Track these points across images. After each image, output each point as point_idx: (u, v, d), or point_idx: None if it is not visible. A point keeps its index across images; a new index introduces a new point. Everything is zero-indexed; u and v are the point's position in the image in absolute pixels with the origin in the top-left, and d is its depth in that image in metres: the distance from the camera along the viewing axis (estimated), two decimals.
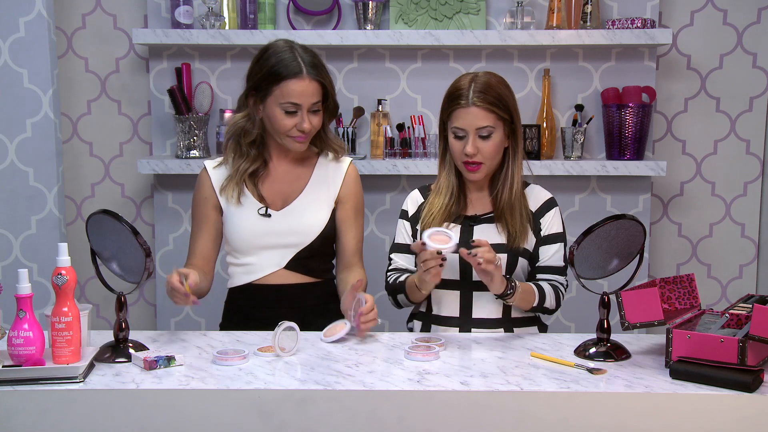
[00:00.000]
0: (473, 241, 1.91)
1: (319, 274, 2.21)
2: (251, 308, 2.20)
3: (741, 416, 1.56)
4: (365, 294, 1.95)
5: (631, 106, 2.90)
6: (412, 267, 2.15)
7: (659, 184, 3.15)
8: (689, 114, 3.12)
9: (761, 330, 1.58)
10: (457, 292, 2.08)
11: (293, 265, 2.17)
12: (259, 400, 1.60)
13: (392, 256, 2.18)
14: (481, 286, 2.04)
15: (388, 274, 2.17)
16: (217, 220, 2.20)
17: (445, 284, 2.08)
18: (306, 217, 2.17)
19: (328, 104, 2.15)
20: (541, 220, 2.11)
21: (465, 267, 2.06)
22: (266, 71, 2.11)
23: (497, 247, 2.03)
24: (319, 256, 2.20)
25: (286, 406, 1.60)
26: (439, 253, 1.86)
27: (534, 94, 3.04)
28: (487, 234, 2.07)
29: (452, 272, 2.07)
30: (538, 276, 2.10)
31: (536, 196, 2.14)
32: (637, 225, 1.84)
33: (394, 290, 2.12)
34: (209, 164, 2.24)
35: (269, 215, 2.15)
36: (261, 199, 2.18)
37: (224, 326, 2.27)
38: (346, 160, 2.25)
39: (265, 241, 2.16)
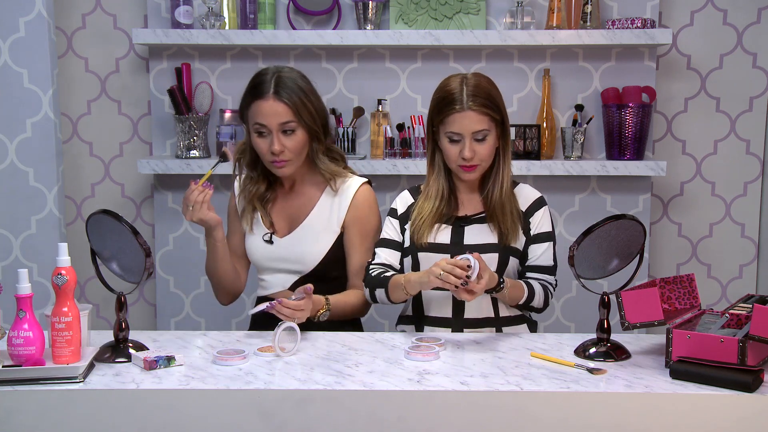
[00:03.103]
0: (468, 255, 1.87)
1: (326, 293, 2.15)
2: (268, 318, 2.19)
3: (741, 416, 1.56)
4: (308, 296, 1.93)
5: (631, 106, 2.90)
6: (396, 263, 2.13)
7: (659, 184, 3.15)
8: (689, 114, 3.12)
9: (761, 330, 1.58)
10: (449, 293, 2.07)
11: (297, 287, 2.17)
12: (259, 400, 1.60)
13: (376, 249, 2.15)
14: None
15: (371, 267, 2.13)
16: (242, 234, 2.27)
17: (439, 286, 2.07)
18: (307, 245, 2.18)
19: (309, 128, 2.12)
20: (530, 219, 2.11)
21: None
22: (243, 95, 2.16)
23: (489, 247, 2.04)
24: (325, 280, 2.18)
25: (286, 406, 1.60)
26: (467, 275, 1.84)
27: (534, 94, 3.04)
28: (479, 234, 2.07)
29: None
30: (528, 275, 2.10)
31: (526, 195, 2.14)
32: (637, 225, 1.84)
33: (375, 283, 2.08)
34: (237, 185, 2.29)
35: (272, 242, 2.19)
36: (271, 224, 2.22)
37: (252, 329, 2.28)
38: (356, 183, 2.21)
39: (270, 264, 2.21)
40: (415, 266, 2.10)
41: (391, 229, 2.16)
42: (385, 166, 2.91)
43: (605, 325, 1.83)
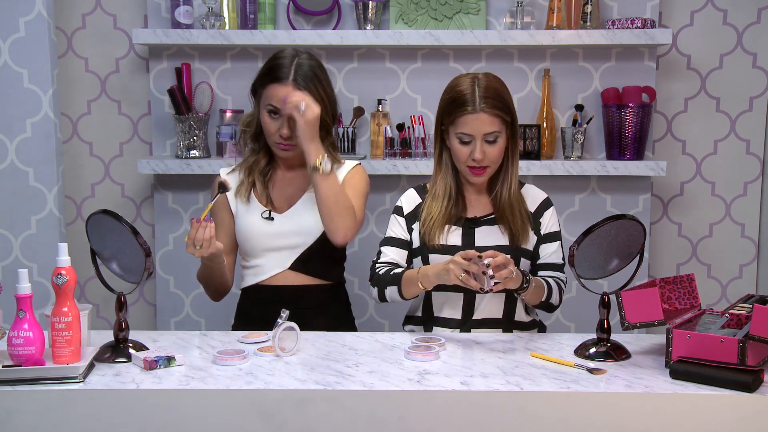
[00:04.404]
0: (480, 256, 1.85)
1: (325, 276, 2.22)
2: (257, 308, 2.23)
3: (741, 416, 1.56)
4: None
5: (631, 106, 2.90)
6: (402, 261, 2.13)
7: (659, 184, 3.15)
8: (689, 114, 3.12)
9: (761, 330, 1.58)
10: (461, 294, 2.07)
11: (297, 266, 2.19)
12: (259, 400, 1.60)
13: (383, 248, 2.15)
14: None
15: (377, 265, 2.12)
16: (230, 223, 2.25)
17: (450, 286, 2.07)
18: (307, 217, 2.19)
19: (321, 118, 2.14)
20: (540, 220, 2.13)
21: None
22: (261, 72, 2.19)
23: (501, 249, 2.03)
24: (323, 257, 2.21)
25: (286, 406, 1.60)
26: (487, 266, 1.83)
27: (534, 94, 3.04)
28: (490, 235, 2.07)
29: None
30: (540, 273, 2.11)
31: (533, 196, 2.15)
32: (637, 225, 1.84)
33: (385, 281, 2.07)
34: (223, 171, 2.30)
35: (272, 218, 2.18)
36: (269, 202, 2.22)
37: (236, 327, 2.29)
38: (351, 163, 2.25)
39: (269, 243, 2.19)
40: None
41: (397, 227, 2.16)
42: (385, 166, 2.91)
43: (605, 325, 1.83)
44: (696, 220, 3.18)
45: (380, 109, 3.00)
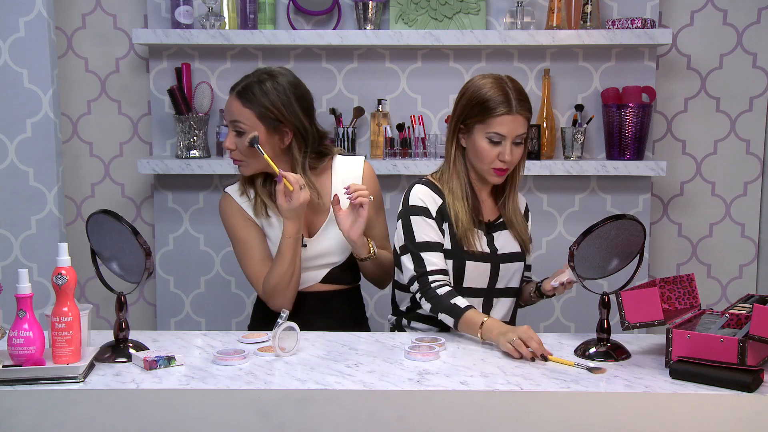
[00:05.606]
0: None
1: (350, 281, 2.25)
2: (265, 318, 2.20)
3: (741, 416, 1.56)
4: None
5: (631, 106, 2.90)
6: (446, 267, 2.03)
7: (659, 184, 3.15)
8: (689, 114, 3.12)
9: (761, 330, 1.58)
10: (480, 299, 2.09)
11: (327, 279, 2.20)
12: (259, 400, 1.60)
13: (423, 255, 2.00)
14: (503, 293, 2.10)
15: (431, 278, 1.99)
16: (263, 236, 2.18)
17: (472, 292, 2.07)
18: (336, 240, 2.16)
19: (275, 128, 2.08)
20: (528, 224, 2.21)
21: (493, 275, 2.07)
22: None
23: (517, 256, 2.10)
24: (350, 268, 2.22)
25: (286, 406, 1.60)
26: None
27: (534, 94, 3.04)
28: (507, 242, 2.10)
29: (481, 280, 2.07)
30: (525, 274, 2.20)
31: (521, 201, 2.21)
32: (637, 225, 1.84)
33: (443, 308, 1.95)
34: (233, 192, 2.19)
35: (305, 245, 2.16)
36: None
37: (253, 328, 2.26)
38: (359, 161, 2.21)
39: (303, 264, 2.15)
40: (460, 273, 2.04)
41: (430, 231, 2.03)
42: (385, 166, 2.91)
43: (605, 325, 1.83)
44: (696, 220, 3.18)
45: (380, 109, 3.00)
